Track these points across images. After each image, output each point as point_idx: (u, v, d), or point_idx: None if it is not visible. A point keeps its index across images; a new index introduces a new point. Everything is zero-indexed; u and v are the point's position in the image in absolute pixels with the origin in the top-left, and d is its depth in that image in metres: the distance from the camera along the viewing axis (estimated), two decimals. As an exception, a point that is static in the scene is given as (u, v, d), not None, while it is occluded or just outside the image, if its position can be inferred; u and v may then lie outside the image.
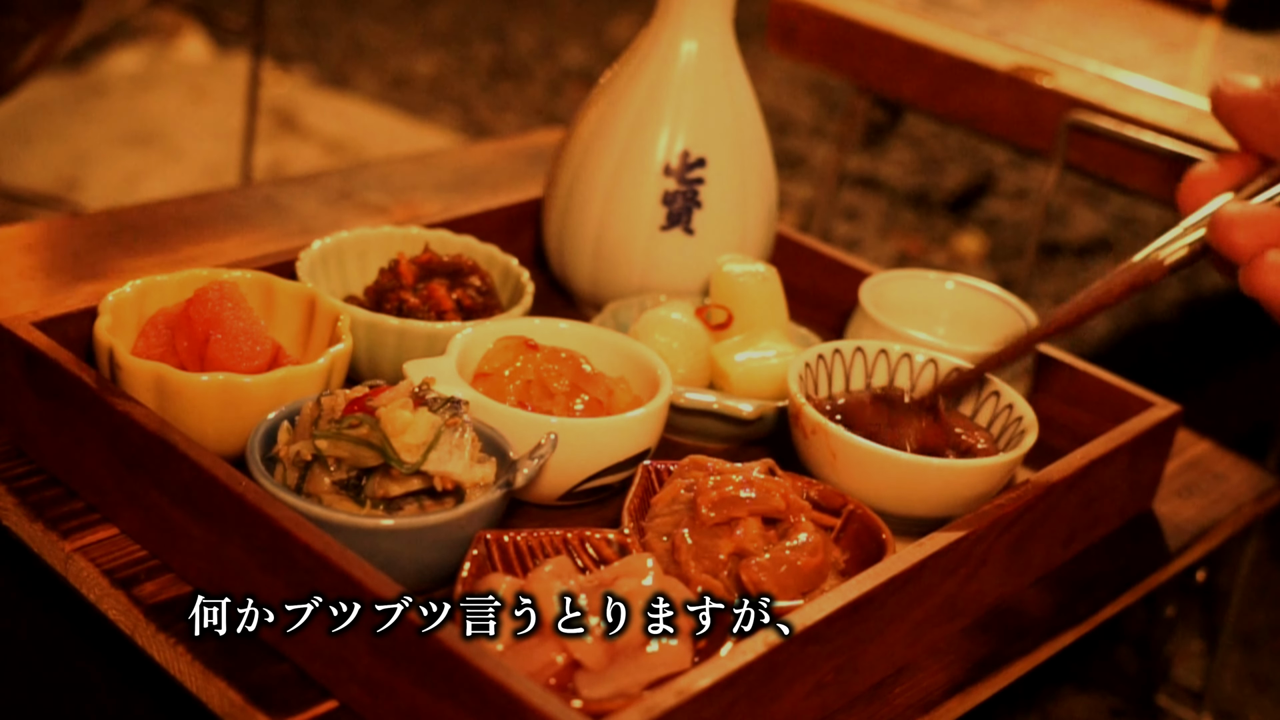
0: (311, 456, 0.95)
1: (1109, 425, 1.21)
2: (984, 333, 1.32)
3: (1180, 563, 1.22)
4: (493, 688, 0.80)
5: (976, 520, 1.02)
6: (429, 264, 1.22)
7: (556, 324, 1.17)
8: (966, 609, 1.05)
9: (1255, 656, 1.89)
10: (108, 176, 2.78)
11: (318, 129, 3.16)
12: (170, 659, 0.91)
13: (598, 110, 1.32)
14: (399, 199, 1.57)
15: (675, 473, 1.04)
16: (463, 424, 0.97)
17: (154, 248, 1.39)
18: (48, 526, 0.99)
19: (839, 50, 1.92)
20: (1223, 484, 1.31)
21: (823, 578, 0.98)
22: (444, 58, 3.70)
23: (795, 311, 1.43)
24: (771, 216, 1.37)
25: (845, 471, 1.07)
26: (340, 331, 1.10)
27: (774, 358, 1.21)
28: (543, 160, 1.70)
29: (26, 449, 1.06)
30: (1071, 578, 1.15)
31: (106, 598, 0.95)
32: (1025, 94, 1.76)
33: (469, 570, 0.91)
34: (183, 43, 3.41)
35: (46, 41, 1.83)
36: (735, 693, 0.85)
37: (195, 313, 1.04)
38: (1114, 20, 2.09)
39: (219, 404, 1.00)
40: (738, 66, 1.32)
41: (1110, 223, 3.21)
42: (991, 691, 1.03)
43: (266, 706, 0.87)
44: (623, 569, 0.91)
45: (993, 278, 2.80)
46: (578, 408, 1.07)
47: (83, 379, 1.00)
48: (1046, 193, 1.76)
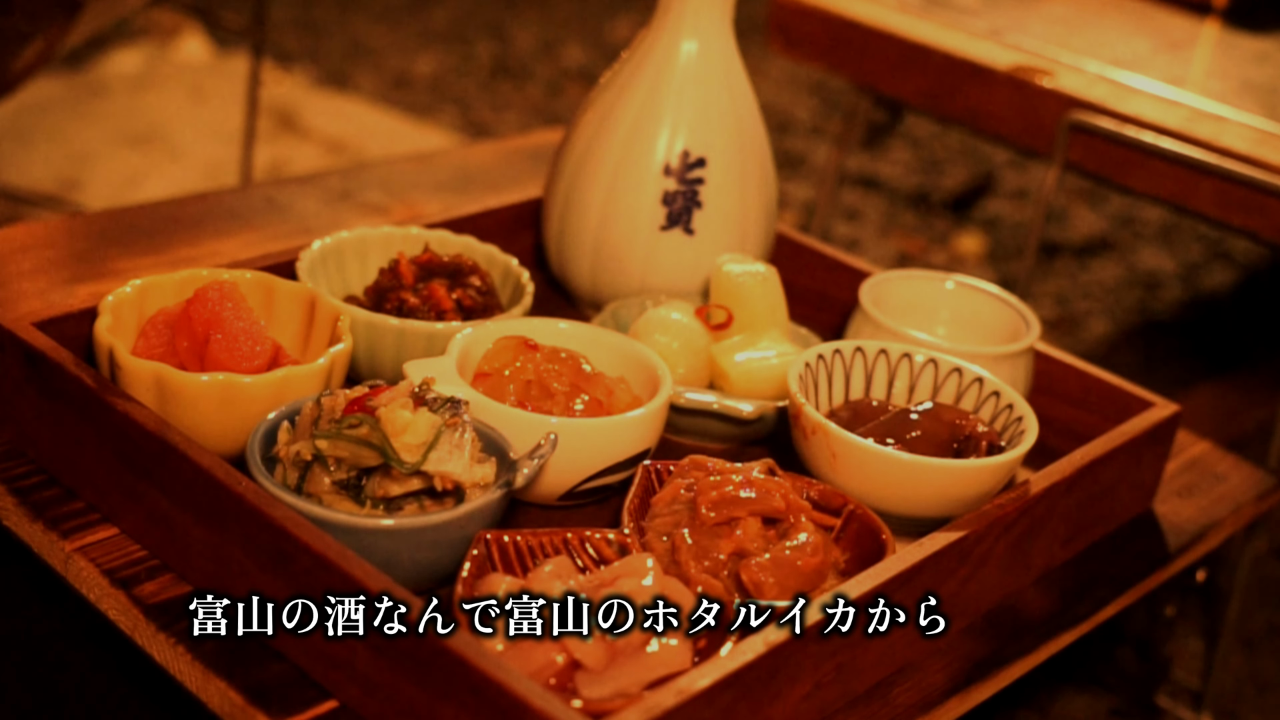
0: (311, 456, 0.95)
1: (1109, 425, 1.21)
2: (984, 333, 1.32)
3: (1180, 563, 1.22)
4: (493, 688, 0.80)
5: (976, 520, 1.03)
6: (429, 264, 1.22)
7: (556, 324, 1.17)
8: (966, 609, 1.05)
9: (1255, 656, 1.89)
10: (108, 176, 2.78)
11: (318, 129, 3.16)
12: (170, 659, 0.91)
13: (598, 110, 1.32)
14: (399, 199, 1.57)
15: (675, 473, 1.04)
16: (463, 424, 0.97)
17: (154, 248, 1.39)
18: (48, 526, 0.99)
19: (839, 50, 1.92)
20: (1223, 484, 1.31)
21: (823, 578, 0.98)
22: (444, 58, 3.70)
23: (795, 311, 1.43)
24: (771, 216, 1.37)
25: (845, 471, 1.07)
26: (340, 331, 1.09)
27: (774, 358, 1.21)
28: (543, 160, 1.69)
29: (26, 449, 1.06)
30: (1071, 578, 1.15)
31: (106, 598, 0.95)
32: (1025, 94, 1.76)
33: (469, 570, 0.91)
34: (183, 43, 3.41)
35: (46, 41, 1.83)
36: (735, 693, 0.85)
37: (195, 313, 1.04)
38: (1114, 20, 2.09)
39: (219, 404, 1.00)
40: (738, 66, 1.32)
41: (1110, 223, 3.21)
42: (991, 691, 1.03)
43: (266, 706, 0.87)
44: (623, 569, 0.91)
45: (993, 278, 2.80)
46: (578, 408, 1.07)
47: (83, 379, 1.00)
48: (1046, 193, 1.76)
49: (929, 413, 1.12)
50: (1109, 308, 2.84)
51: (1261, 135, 1.67)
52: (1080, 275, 2.95)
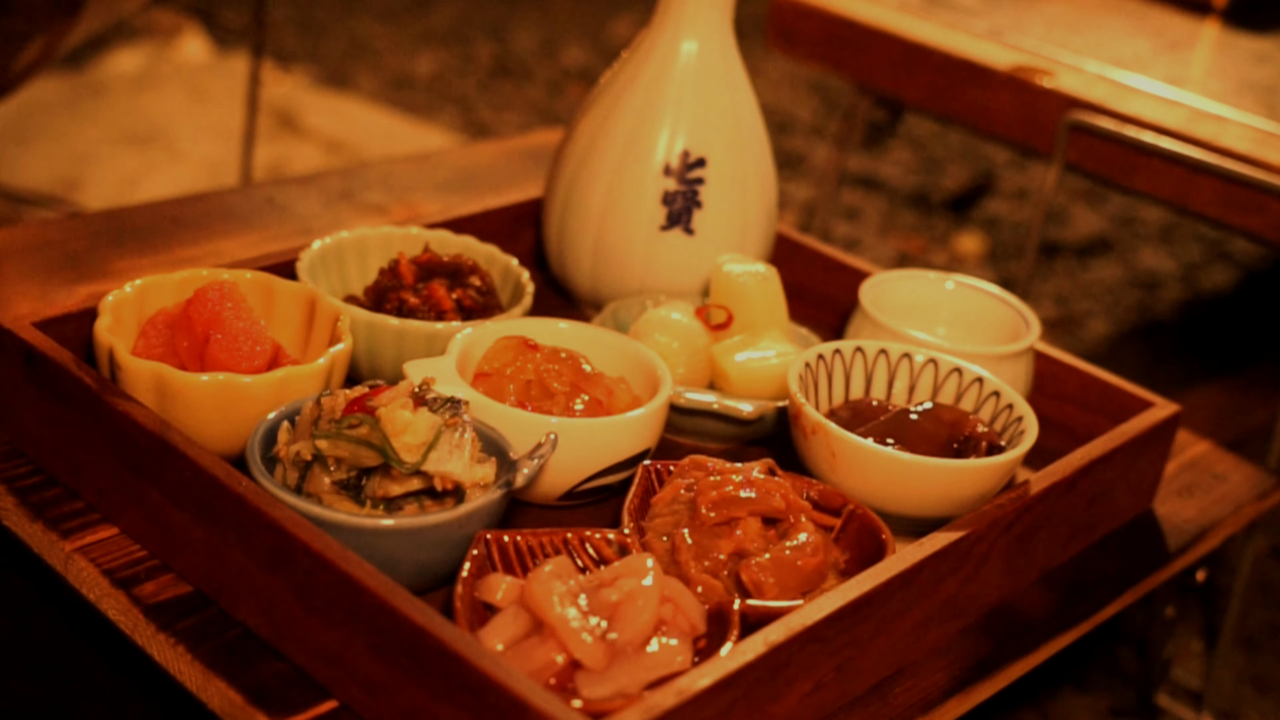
0: (311, 456, 0.95)
1: (1109, 425, 1.21)
2: (984, 333, 1.32)
3: (1180, 563, 1.22)
4: (493, 688, 0.80)
5: (976, 520, 1.03)
6: (429, 264, 1.22)
7: (556, 324, 1.17)
8: (966, 609, 1.05)
9: (1255, 656, 1.89)
10: (108, 176, 2.78)
11: (318, 129, 3.16)
12: (170, 659, 0.91)
13: (598, 110, 1.32)
14: (399, 199, 1.57)
15: (675, 473, 1.04)
16: (463, 424, 0.97)
17: (154, 248, 1.39)
18: (48, 526, 0.99)
19: (839, 50, 1.92)
20: (1223, 484, 1.31)
21: (823, 578, 0.98)
22: (444, 58, 3.70)
23: (795, 311, 1.43)
24: (771, 216, 1.37)
25: (845, 471, 1.07)
26: (340, 331, 1.09)
27: (774, 358, 1.21)
28: (543, 160, 1.69)
29: (26, 449, 1.06)
30: (1071, 578, 1.15)
31: (106, 598, 0.95)
32: (1025, 94, 1.76)
33: (469, 570, 0.91)
34: (183, 43, 3.41)
35: (46, 41, 1.83)
36: (735, 693, 0.85)
37: (195, 313, 1.04)
38: (1114, 20, 2.09)
39: (219, 404, 1.00)
40: (738, 66, 1.32)
41: (1110, 223, 3.21)
42: (991, 691, 1.03)
43: (266, 706, 0.87)
44: (623, 569, 0.91)
45: (993, 278, 2.80)
46: (578, 408, 1.07)
47: (83, 379, 1.00)
48: (1046, 193, 1.76)
49: (929, 413, 1.12)
50: (1109, 308, 2.84)
51: (1261, 135, 1.67)
52: (1080, 275, 2.95)
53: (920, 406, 1.13)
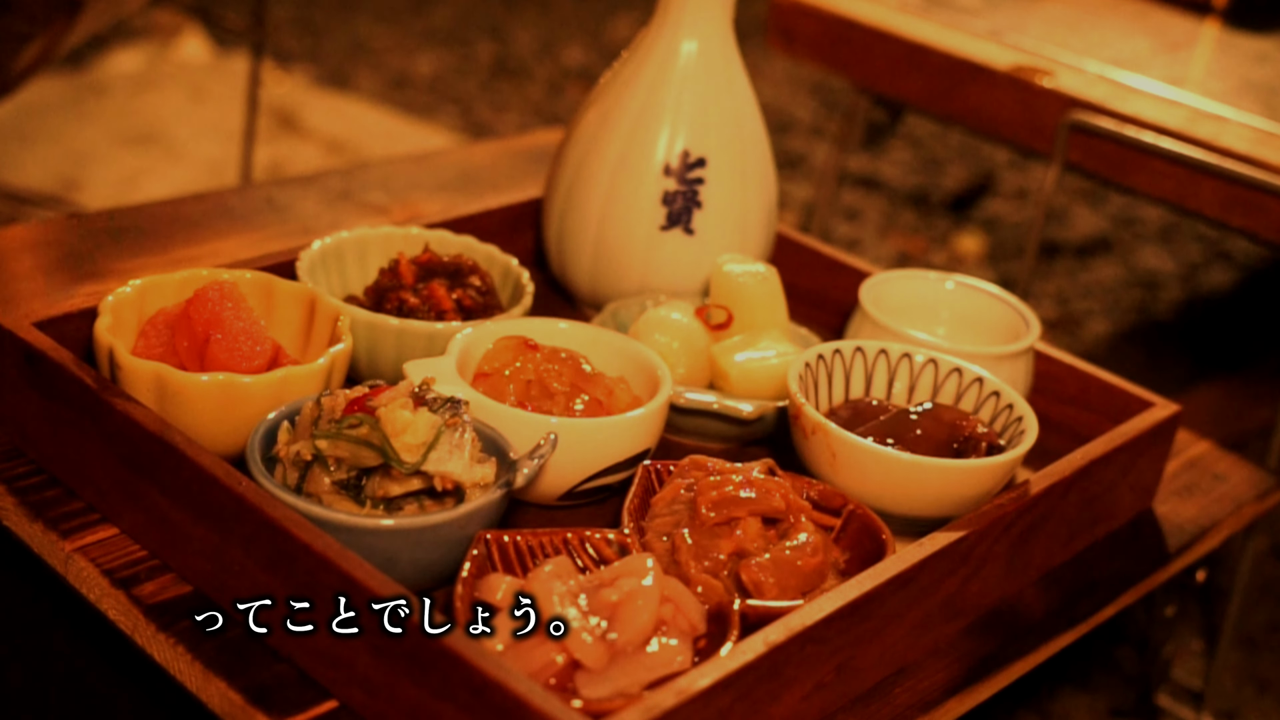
0: (311, 456, 0.95)
1: (1109, 425, 1.21)
2: (984, 333, 1.32)
3: (1180, 563, 1.22)
4: (493, 688, 0.80)
5: (976, 520, 1.03)
6: (429, 264, 1.22)
7: (556, 324, 1.17)
8: (966, 609, 1.05)
9: (1255, 656, 1.89)
10: (108, 176, 2.78)
11: (318, 129, 3.16)
12: (170, 659, 0.91)
13: (598, 110, 1.32)
14: (399, 199, 1.57)
15: (675, 473, 1.04)
16: (463, 424, 0.97)
17: (154, 248, 1.39)
18: (48, 526, 0.99)
19: (839, 50, 1.92)
20: (1223, 484, 1.31)
21: (823, 578, 0.98)
22: (444, 58, 3.70)
23: (795, 311, 1.43)
24: (771, 216, 1.37)
25: (845, 471, 1.07)
26: (340, 331, 1.09)
27: (774, 358, 1.21)
28: (543, 160, 1.69)
29: (26, 449, 1.06)
30: (1071, 578, 1.15)
31: (106, 598, 0.95)
32: (1025, 94, 1.76)
33: (469, 570, 0.91)
34: (183, 43, 3.41)
35: (46, 41, 1.83)
36: (735, 693, 0.85)
37: (195, 313, 1.04)
38: (1114, 20, 2.09)
39: (219, 404, 1.00)
40: (738, 66, 1.32)
41: (1110, 223, 3.21)
42: (991, 691, 1.03)
43: (266, 706, 0.87)
44: (623, 569, 0.91)
45: (993, 278, 2.80)
46: (578, 408, 1.07)
47: (83, 379, 1.00)
48: (1046, 193, 1.76)
49: (929, 413, 1.12)
50: (1109, 308, 2.84)
51: (1261, 135, 1.67)
52: (1080, 275, 2.95)
53: (920, 406, 1.13)
